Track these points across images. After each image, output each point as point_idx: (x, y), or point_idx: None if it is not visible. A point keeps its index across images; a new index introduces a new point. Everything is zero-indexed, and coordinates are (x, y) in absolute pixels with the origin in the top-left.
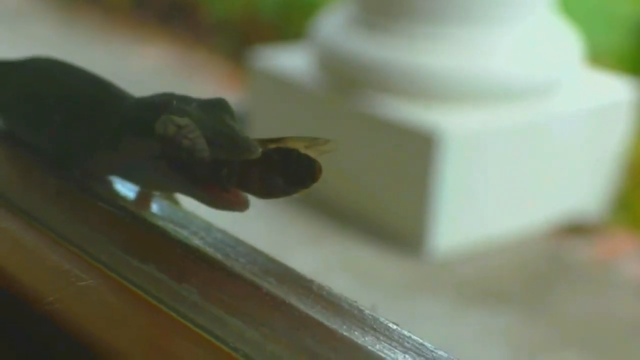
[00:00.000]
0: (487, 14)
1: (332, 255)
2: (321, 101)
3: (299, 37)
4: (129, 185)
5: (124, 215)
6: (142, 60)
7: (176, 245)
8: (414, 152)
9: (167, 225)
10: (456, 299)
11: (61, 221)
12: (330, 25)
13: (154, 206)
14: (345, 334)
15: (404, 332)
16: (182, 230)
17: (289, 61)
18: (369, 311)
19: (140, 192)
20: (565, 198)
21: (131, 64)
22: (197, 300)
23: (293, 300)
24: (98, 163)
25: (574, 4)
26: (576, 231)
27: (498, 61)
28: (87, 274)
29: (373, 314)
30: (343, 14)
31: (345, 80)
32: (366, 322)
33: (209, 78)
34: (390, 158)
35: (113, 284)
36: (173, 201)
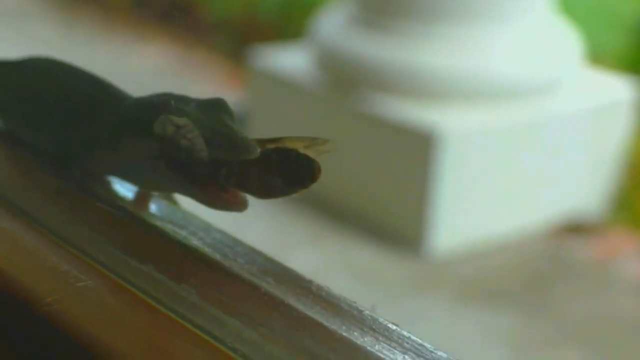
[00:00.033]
0: (486, 13)
1: (331, 255)
2: (320, 100)
3: (298, 37)
4: (128, 185)
5: (122, 215)
6: (142, 60)
7: (175, 246)
8: (414, 152)
9: (166, 226)
10: (456, 298)
11: (60, 221)
12: (329, 25)
13: (152, 206)
14: (344, 334)
15: (403, 332)
16: (180, 231)
17: (288, 61)
18: (368, 312)
19: (139, 192)
20: (565, 198)
21: (131, 64)
22: (196, 300)
23: (292, 301)
24: (97, 163)
25: (573, 4)
26: (576, 231)
27: (498, 60)
28: (85, 274)
29: (372, 314)
30: (342, 13)
31: (344, 80)
32: (365, 322)
33: (208, 77)
34: (390, 157)
35: (112, 284)
36: (172, 201)
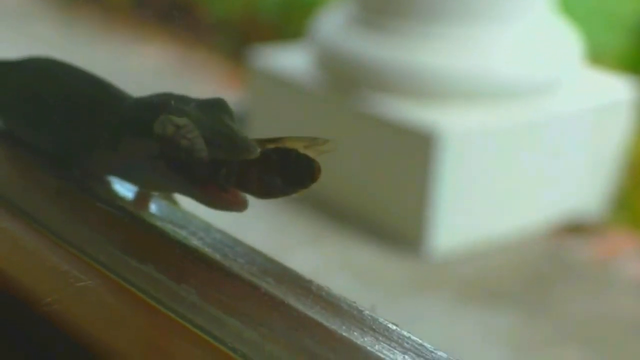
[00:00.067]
0: (486, 13)
1: (331, 255)
2: (320, 100)
3: (298, 37)
4: (128, 185)
5: (122, 215)
6: (142, 60)
7: (175, 246)
8: (414, 152)
9: (166, 226)
10: (456, 298)
11: (60, 221)
12: (329, 25)
13: (152, 206)
14: (344, 334)
15: (403, 332)
16: (180, 231)
17: (288, 61)
18: (368, 312)
19: (139, 192)
20: (565, 197)
21: (131, 64)
22: (196, 300)
23: (292, 301)
24: (97, 163)
25: (574, 4)
26: (576, 231)
27: (498, 60)
28: (85, 274)
29: (372, 314)
30: (342, 13)
31: (344, 80)
32: (365, 322)
33: (208, 77)
34: (390, 157)
35: (112, 284)
36: (172, 201)
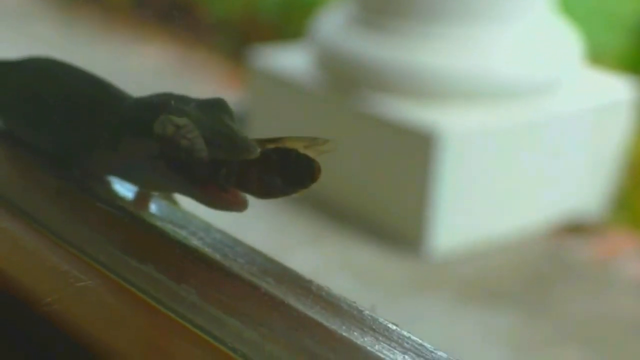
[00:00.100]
0: (486, 14)
1: (331, 255)
2: (320, 101)
3: (298, 37)
4: (128, 185)
5: (122, 215)
6: (142, 60)
7: (175, 246)
8: (413, 152)
9: (166, 226)
10: (456, 298)
11: (60, 221)
12: (329, 25)
13: (152, 206)
14: (344, 334)
15: (403, 332)
16: (180, 231)
17: (288, 61)
18: (368, 312)
19: (139, 192)
20: (565, 198)
21: (131, 64)
22: (196, 300)
23: (292, 301)
24: (97, 163)
25: (573, 4)
26: (576, 231)
27: (498, 60)
28: (85, 274)
29: (372, 314)
30: (342, 13)
31: (344, 80)
32: (365, 322)
33: (208, 77)
34: (390, 157)
35: (112, 284)
36: (172, 201)
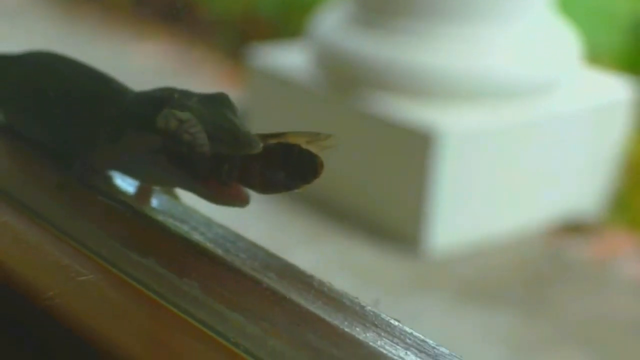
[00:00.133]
0: (485, 13)
1: (330, 254)
2: (319, 99)
3: (297, 35)
4: (129, 179)
5: (124, 209)
6: (141, 58)
7: (176, 240)
8: (412, 151)
9: (167, 220)
10: (455, 298)
11: (62, 216)
12: (328, 23)
13: (154, 201)
14: (346, 329)
15: (405, 328)
16: (182, 225)
17: (287, 59)
18: (370, 307)
19: (141, 186)
20: (563, 197)
21: (131, 62)
22: (198, 295)
23: (294, 296)
24: (99, 157)
25: (572, 3)
26: (575, 230)
27: (496, 60)
28: (87, 268)
29: (374, 310)
30: (341, 12)
31: (343, 79)
32: (368, 318)
33: (208, 76)
34: (389, 156)
35: (113, 278)
36: (173, 196)
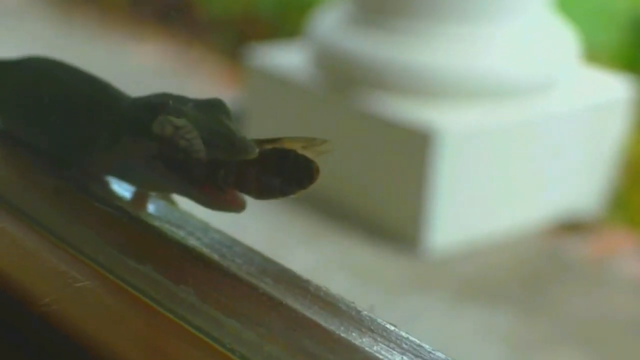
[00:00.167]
0: (483, 12)
1: (329, 253)
2: (318, 99)
3: (295, 35)
4: (126, 185)
5: (120, 215)
6: (139, 58)
7: (173, 246)
8: (411, 150)
9: (164, 226)
10: (454, 297)
11: (59, 222)
12: (326, 23)
13: (150, 206)
14: (342, 335)
15: (401, 333)
16: (178, 231)
17: (285, 59)
18: (367, 312)
19: (137, 192)
20: (562, 196)
21: (129, 62)
22: (194, 301)
23: (290, 301)
24: (95, 163)
25: (570, 2)
26: (573, 229)
27: (494, 59)
28: (84, 275)
29: (371, 315)
30: (340, 11)
31: (341, 78)
32: (364, 323)
33: (206, 76)
34: (388, 156)
35: (110, 285)
36: (169, 201)
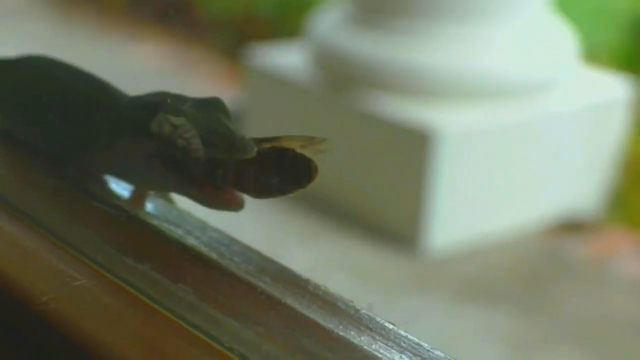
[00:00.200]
0: (482, 12)
1: (328, 253)
2: (317, 99)
3: (295, 35)
4: (124, 184)
5: (119, 214)
6: (139, 58)
7: (171, 245)
8: (411, 150)
9: (162, 225)
10: (453, 296)
11: (57, 220)
12: (326, 23)
13: (148, 205)
14: (341, 333)
15: (400, 331)
16: (177, 230)
17: (285, 59)
18: (365, 311)
19: (135, 191)
20: (561, 196)
21: (128, 62)
22: (193, 300)
23: (289, 300)
24: (94, 162)
25: (570, 2)
26: (573, 229)
27: (494, 59)
28: (82, 273)
29: (369, 313)
30: (339, 11)
31: (341, 78)
32: (362, 321)
33: (205, 76)
34: (387, 156)
35: (108, 283)
36: (168, 200)
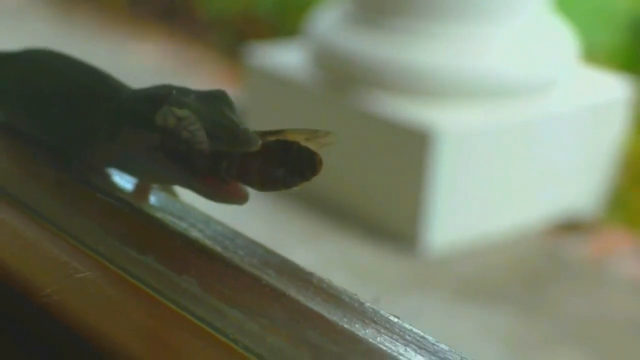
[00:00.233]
0: (482, 12)
1: (329, 253)
2: (317, 98)
3: (294, 34)
4: (128, 177)
5: (122, 207)
6: (138, 57)
7: (175, 237)
8: (410, 150)
9: (166, 217)
10: (453, 296)
11: (60, 213)
12: (325, 22)
13: (152, 198)
14: (346, 326)
15: (405, 325)
16: (180, 222)
17: (284, 58)
18: (370, 304)
19: (139, 184)
20: (561, 196)
21: (128, 61)
22: (197, 292)
23: (293, 292)
24: (97, 154)
25: (569, 2)
26: (572, 229)
27: (494, 59)
28: (85, 265)
29: (374, 306)
30: (338, 11)
31: (340, 78)
32: (367, 314)
33: (205, 75)
34: (387, 155)
35: (111, 275)
36: (171, 193)
